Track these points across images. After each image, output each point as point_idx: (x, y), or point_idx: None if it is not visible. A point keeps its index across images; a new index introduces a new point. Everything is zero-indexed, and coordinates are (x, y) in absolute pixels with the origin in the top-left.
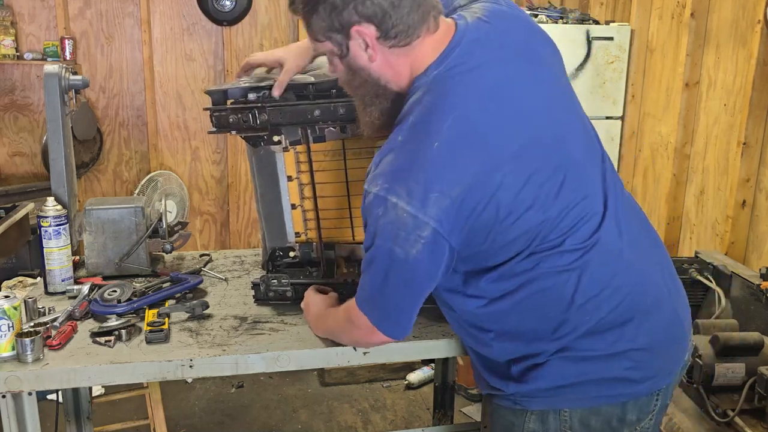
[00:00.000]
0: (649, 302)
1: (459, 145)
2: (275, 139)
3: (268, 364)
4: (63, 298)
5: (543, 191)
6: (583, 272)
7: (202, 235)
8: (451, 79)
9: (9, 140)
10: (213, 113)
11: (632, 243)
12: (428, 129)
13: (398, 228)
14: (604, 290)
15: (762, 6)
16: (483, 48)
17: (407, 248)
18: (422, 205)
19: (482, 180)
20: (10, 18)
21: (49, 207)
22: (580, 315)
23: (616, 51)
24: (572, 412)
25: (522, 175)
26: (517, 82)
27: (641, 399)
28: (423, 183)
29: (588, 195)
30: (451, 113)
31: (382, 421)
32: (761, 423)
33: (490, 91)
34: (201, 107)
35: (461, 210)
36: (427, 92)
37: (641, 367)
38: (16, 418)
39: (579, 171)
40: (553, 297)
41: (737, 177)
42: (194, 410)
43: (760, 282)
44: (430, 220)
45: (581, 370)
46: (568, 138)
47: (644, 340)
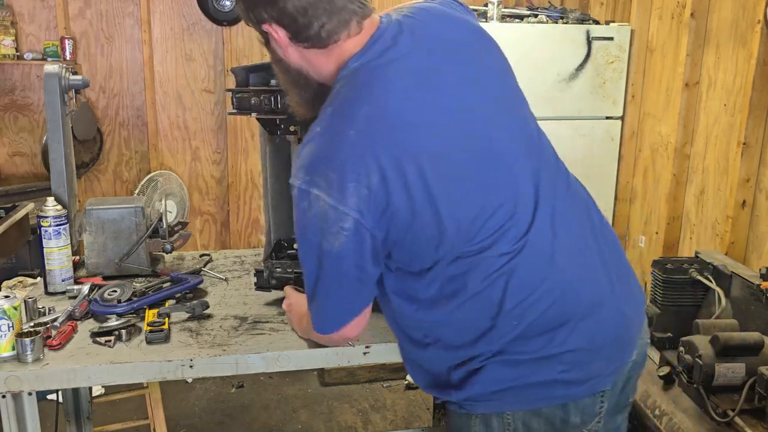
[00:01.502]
0: (584, 304)
1: (375, 133)
2: (291, 128)
3: (268, 364)
4: (63, 298)
5: (461, 190)
6: (511, 277)
7: (202, 235)
8: (369, 70)
9: (9, 140)
10: (235, 94)
11: (569, 245)
12: (344, 118)
13: (322, 221)
14: (531, 295)
15: (762, 6)
16: (404, 42)
17: (332, 241)
18: (341, 196)
19: (398, 170)
20: (10, 18)
21: (49, 207)
22: (509, 320)
23: (616, 51)
24: (514, 414)
25: (438, 171)
26: (440, 76)
27: (582, 400)
28: (340, 172)
29: (516, 197)
30: (367, 102)
31: (382, 421)
32: (761, 423)
33: (408, 82)
34: (201, 107)
35: (379, 200)
36: (345, 84)
37: (577, 369)
38: (16, 418)
39: (505, 172)
40: (484, 302)
41: (737, 177)
42: (194, 410)
43: (760, 282)
44: (351, 211)
45: (517, 374)
46: (496, 137)
47: (579, 343)
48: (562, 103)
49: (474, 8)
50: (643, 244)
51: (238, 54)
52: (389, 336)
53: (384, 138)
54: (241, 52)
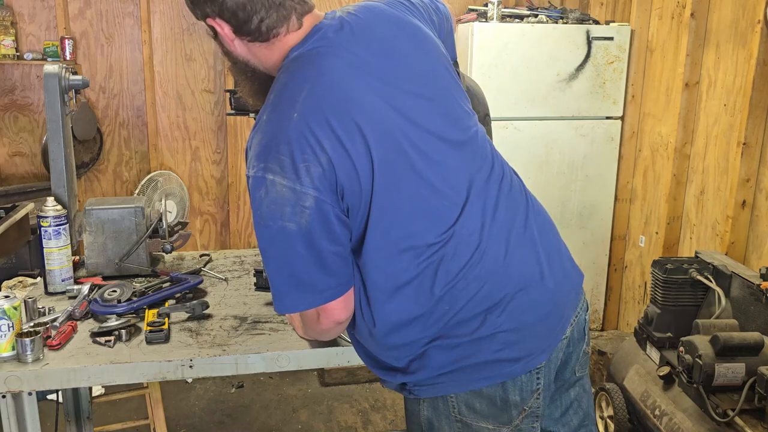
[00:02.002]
0: (512, 287)
1: (317, 114)
2: None
3: (268, 364)
4: (63, 298)
5: (393, 177)
6: (439, 266)
7: (202, 235)
8: (307, 57)
9: (9, 140)
10: (233, 95)
11: (497, 234)
12: (286, 102)
13: (283, 204)
14: (459, 281)
15: (762, 6)
16: (344, 36)
17: (297, 220)
18: (297, 177)
19: (340, 151)
20: (10, 18)
21: (49, 207)
22: (441, 305)
23: (616, 51)
24: (457, 396)
25: (374, 156)
26: (376, 70)
27: (519, 378)
28: (290, 155)
29: (446, 188)
30: (306, 84)
31: (382, 421)
32: (761, 423)
33: (345, 67)
34: (201, 107)
35: (332, 178)
36: (285, 71)
37: (510, 347)
38: (16, 418)
39: (436, 163)
40: (419, 289)
41: (737, 177)
42: (194, 410)
43: (760, 282)
44: (309, 190)
45: (456, 356)
46: (426, 133)
47: (509, 323)
48: (562, 103)
49: (474, 8)
50: (643, 244)
51: None
52: None
53: (325, 120)
54: None
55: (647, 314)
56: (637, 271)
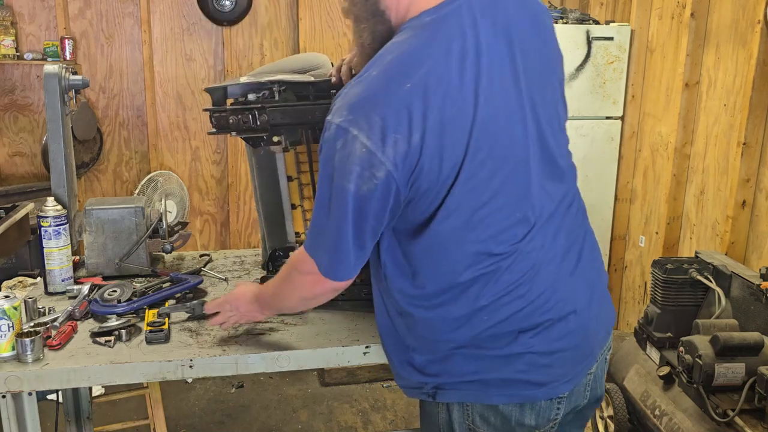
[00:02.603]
0: (555, 313)
1: (429, 94)
2: (275, 139)
3: (268, 364)
4: (63, 298)
5: (483, 178)
6: (493, 276)
7: (202, 235)
8: (438, 30)
9: (9, 140)
10: (213, 114)
11: (552, 257)
12: (404, 70)
13: (354, 163)
14: (505, 296)
15: (762, 6)
16: (477, 14)
17: (360, 184)
18: (383, 144)
19: (437, 134)
20: (10, 18)
21: (49, 207)
22: (481, 314)
23: (616, 51)
24: (473, 406)
25: (474, 153)
26: (499, 61)
27: (539, 404)
28: (387, 121)
29: (529, 208)
30: (428, 61)
31: (382, 421)
32: (761, 423)
33: (469, 54)
34: (201, 107)
35: (413, 159)
36: (413, 36)
37: (537, 371)
38: (16, 418)
39: (523, 175)
40: (466, 294)
41: (737, 177)
42: (194, 410)
43: (760, 282)
44: (387, 161)
45: (479, 368)
46: (524, 140)
47: (542, 346)
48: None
49: None
50: (643, 244)
51: (238, 54)
52: None
53: (435, 101)
54: (241, 52)
55: (647, 314)
56: (637, 271)
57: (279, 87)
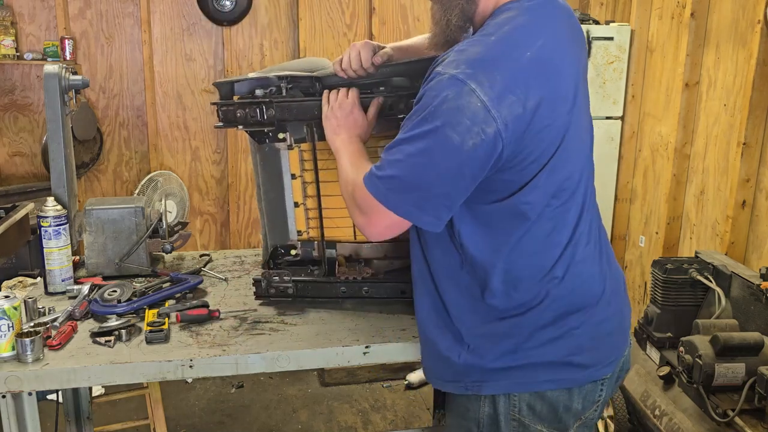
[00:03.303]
0: (597, 295)
1: (548, 64)
2: (280, 136)
3: (268, 364)
4: (63, 298)
5: (570, 152)
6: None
7: (202, 235)
8: (542, 13)
9: (9, 140)
10: (220, 107)
11: (594, 245)
12: (522, 39)
13: (464, 115)
14: (566, 274)
15: (762, 6)
16: (560, 11)
17: (465, 137)
18: (499, 102)
19: (552, 106)
20: (10, 18)
21: (49, 207)
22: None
23: (616, 51)
24: (520, 396)
25: (570, 130)
26: (578, 56)
27: (586, 386)
28: (507, 81)
29: (578, 185)
30: (543, 35)
31: (382, 421)
32: (761, 423)
33: (566, 38)
34: (201, 107)
35: (526, 123)
36: (521, 14)
37: (583, 353)
38: (16, 418)
39: (583, 160)
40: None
41: (737, 177)
42: (194, 410)
43: (760, 282)
44: (499, 119)
45: (527, 353)
46: (589, 129)
47: (587, 328)
48: None
49: None
50: (643, 244)
51: (238, 54)
52: (389, 336)
53: (551, 73)
54: (241, 52)
55: (647, 314)
56: (637, 271)
57: (286, 84)
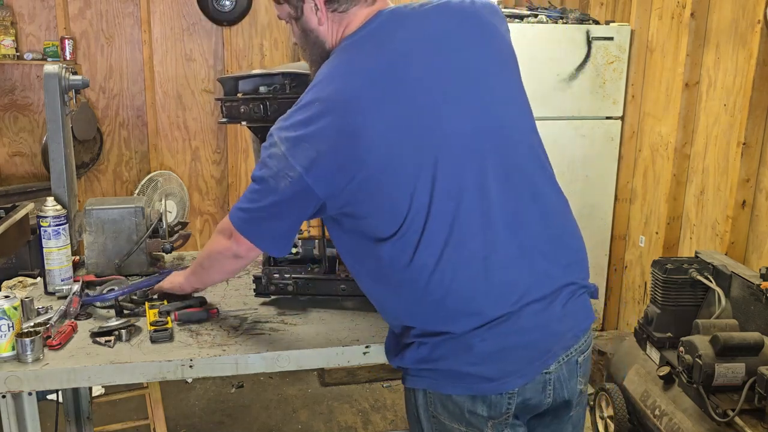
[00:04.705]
0: (507, 307)
1: (339, 110)
2: None
3: (268, 364)
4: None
5: (409, 169)
6: (446, 268)
7: (202, 235)
8: (357, 47)
9: (9, 140)
10: (224, 103)
11: (513, 247)
12: (320, 88)
13: (275, 161)
14: (452, 290)
15: (762, 6)
16: (400, 25)
17: (278, 181)
18: (294, 150)
19: (346, 150)
20: (10, 18)
21: (49, 207)
22: (431, 305)
23: (616, 51)
24: (434, 394)
25: (392, 152)
26: (417, 69)
27: (489, 397)
28: (299, 131)
29: (460, 188)
30: (343, 79)
31: (382, 421)
32: (761, 423)
33: (382, 68)
34: (201, 107)
35: (327, 164)
36: (336, 56)
37: (487, 365)
38: (16, 418)
39: (454, 163)
40: (413, 286)
41: (737, 177)
42: (194, 410)
43: (760, 282)
44: (297, 165)
45: (435, 357)
46: (445, 142)
47: (494, 341)
48: (562, 103)
49: None
50: (643, 244)
51: (238, 54)
52: None
53: (340, 116)
54: (241, 52)
55: (647, 314)
56: (637, 271)
57: (291, 82)
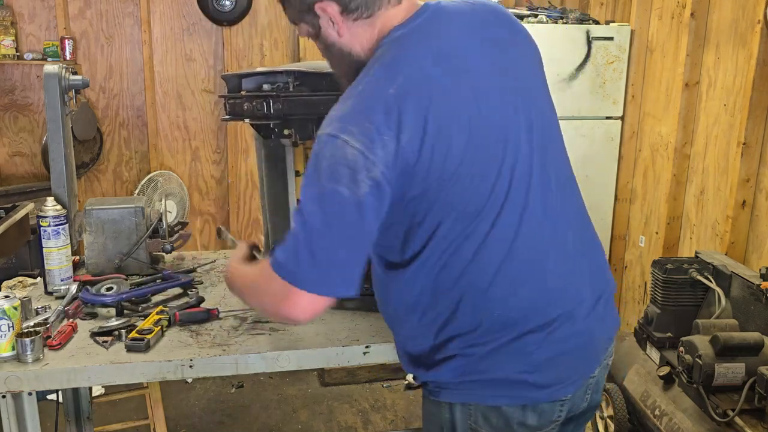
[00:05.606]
0: (560, 312)
1: (413, 94)
2: (286, 132)
3: (268, 364)
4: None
5: (476, 168)
6: (504, 268)
7: (202, 235)
8: (413, 38)
9: (9, 140)
10: (228, 100)
11: (560, 250)
12: (387, 77)
13: (346, 166)
14: (518, 290)
15: (762, 6)
16: (451, 21)
17: (354, 188)
18: (372, 145)
19: (431, 133)
20: (10, 18)
21: (49, 207)
22: (493, 308)
23: (616, 51)
24: (476, 406)
25: (467, 144)
26: (479, 59)
27: (542, 405)
28: (375, 123)
29: (528, 182)
30: (407, 66)
31: (382, 421)
32: (761, 423)
33: (446, 54)
34: (201, 107)
35: (406, 156)
36: (389, 49)
37: (541, 372)
38: (16, 418)
39: (521, 154)
40: (473, 287)
41: (737, 177)
42: (194, 410)
43: (760, 282)
44: (378, 162)
45: (484, 367)
46: (516, 129)
47: (548, 347)
48: (562, 103)
49: None
50: (643, 244)
51: (238, 54)
52: (389, 336)
53: (420, 101)
54: (241, 52)
55: (647, 314)
56: (637, 271)
57: (294, 80)
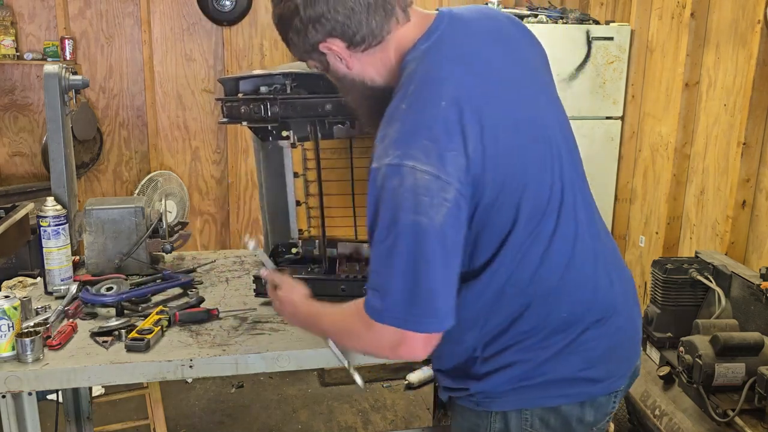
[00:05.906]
0: (609, 305)
1: (465, 103)
2: (284, 133)
3: (268, 364)
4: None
5: (532, 168)
6: (568, 267)
7: (202, 235)
8: (442, 50)
9: (9, 140)
10: (225, 103)
11: (590, 247)
12: (431, 91)
13: (420, 194)
14: (581, 287)
15: (762, 6)
16: (468, 27)
17: (432, 214)
18: (442, 164)
19: (489, 138)
20: (10, 18)
21: (49, 207)
22: (560, 312)
23: (616, 51)
24: (533, 411)
25: (519, 145)
26: (502, 61)
27: (599, 399)
28: (437, 141)
29: (572, 179)
30: (452, 76)
31: (382, 421)
32: (761, 423)
33: (475, 61)
34: (201, 107)
35: (476, 168)
36: (421, 62)
37: (596, 367)
38: (16, 418)
39: (562, 152)
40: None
41: (737, 177)
42: (194, 410)
43: (760, 282)
44: (452, 180)
45: (541, 370)
46: (552, 126)
47: (600, 341)
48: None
49: None
50: (643, 244)
51: (238, 54)
52: None
53: (474, 111)
54: (241, 52)
55: (647, 314)
56: (637, 271)
57: (291, 82)
